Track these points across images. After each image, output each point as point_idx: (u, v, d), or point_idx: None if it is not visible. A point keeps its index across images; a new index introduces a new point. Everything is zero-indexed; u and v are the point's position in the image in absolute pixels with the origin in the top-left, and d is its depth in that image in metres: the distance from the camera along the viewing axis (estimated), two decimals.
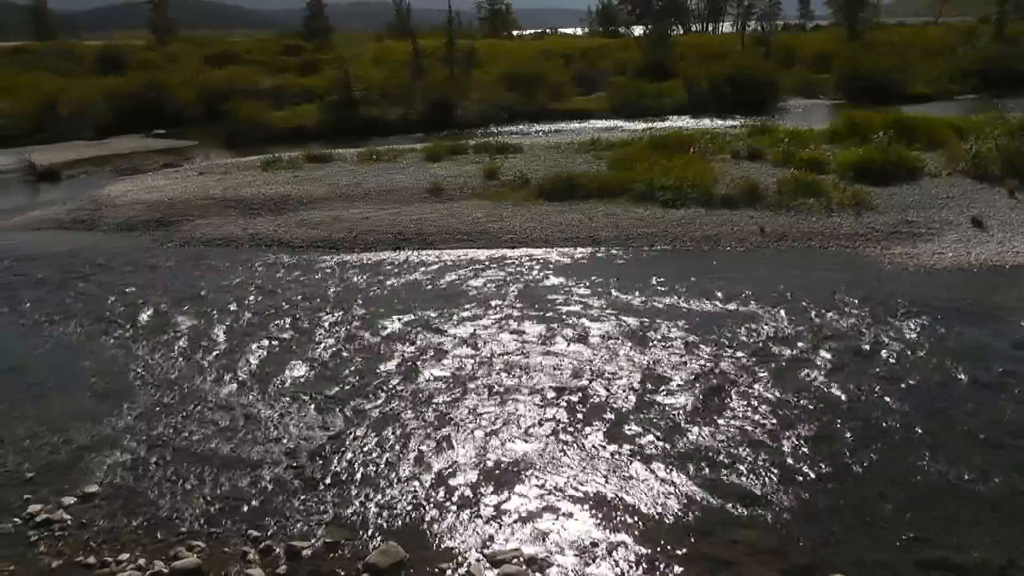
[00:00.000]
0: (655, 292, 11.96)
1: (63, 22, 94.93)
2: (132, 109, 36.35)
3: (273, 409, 8.84)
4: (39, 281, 14.00)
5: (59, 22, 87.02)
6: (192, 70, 44.39)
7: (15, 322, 12.14)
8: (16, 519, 6.97)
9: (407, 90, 35.59)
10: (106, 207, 19.30)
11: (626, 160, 19.69)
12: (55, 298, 13.06)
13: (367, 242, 15.43)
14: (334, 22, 72.31)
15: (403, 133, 31.63)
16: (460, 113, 33.61)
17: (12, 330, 11.83)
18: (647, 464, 7.43)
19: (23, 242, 17.01)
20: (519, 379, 9.26)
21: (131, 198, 19.88)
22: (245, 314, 11.89)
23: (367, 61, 41.98)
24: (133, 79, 40.46)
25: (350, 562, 6.27)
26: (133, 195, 20.19)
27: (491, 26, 79.71)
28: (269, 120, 32.93)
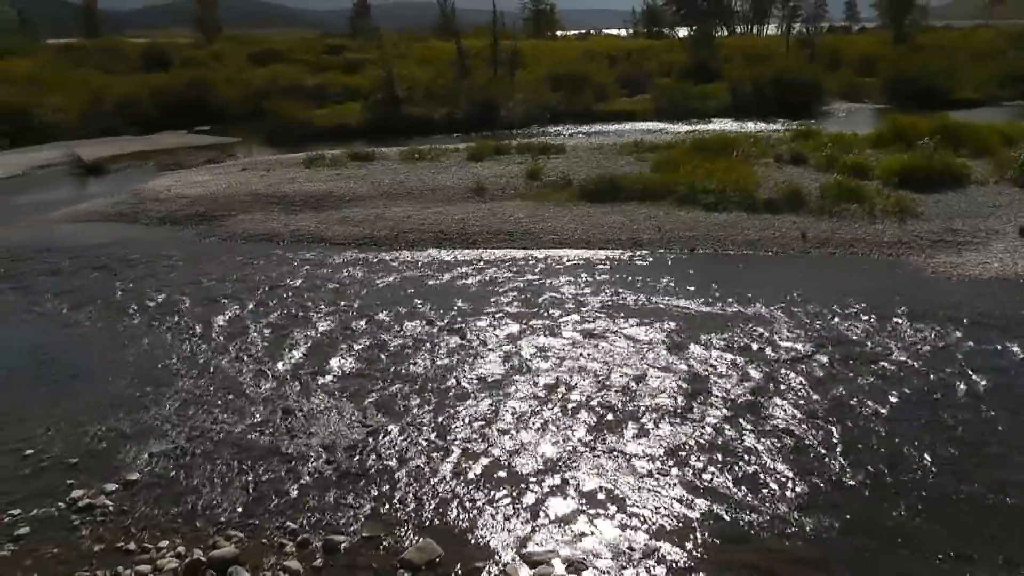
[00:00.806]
0: (695, 296, 11.88)
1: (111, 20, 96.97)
2: (176, 105, 37.22)
3: (311, 403, 8.93)
4: (82, 272, 14.33)
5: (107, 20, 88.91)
6: (236, 68, 45.16)
7: (58, 311, 12.42)
8: (60, 503, 7.13)
9: (451, 90, 35.79)
10: (149, 201, 19.69)
11: (669, 163, 19.69)
12: (98, 288, 13.36)
13: (409, 240, 15.55)
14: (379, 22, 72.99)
15: (446, 133, 31.84)
16: (504, 113, 33.74)
17: (56, 319, 12.11)
18: (685, 470, 7.38)
19: (68, 234, 17.42)
20: (557, 380, 9.25)
21: (174, 192, 20.26)
22: (285, 309, 12.04)
23: (412, 60, 42.31)
24: (178, 76, 41.40)
25: (386, 558, 6.30)
26: (176, 190, 20.57)
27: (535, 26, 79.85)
28: (312, 118, 33.37)
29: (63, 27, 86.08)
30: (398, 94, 34.76)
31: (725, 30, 76.15)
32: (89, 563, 6.32)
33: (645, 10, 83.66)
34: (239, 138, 33.06)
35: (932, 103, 31.84)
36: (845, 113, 35.41)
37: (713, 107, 35.14)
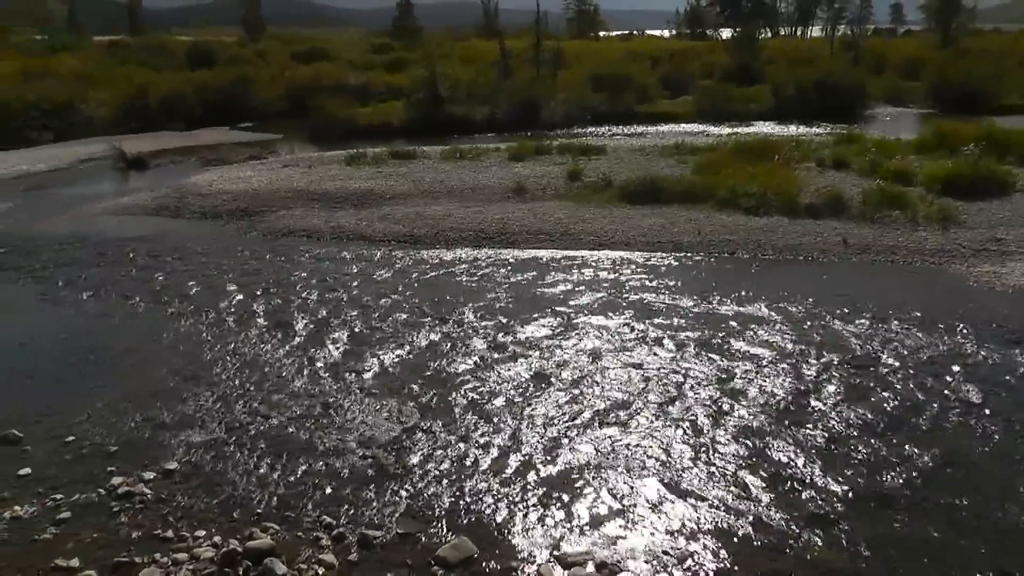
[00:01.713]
0: (735, 300, 11.81)
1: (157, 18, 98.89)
2: (220, 102, 37.89)
3: (349, 399, 9.01)
4: (124, 264, 14.65)
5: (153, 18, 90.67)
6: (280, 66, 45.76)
7: (101, 302, 12.70)
8: (100, 489, 7.29)
9: (493, 90, 35.94)
10: (191, 195, 20.03)
11: (710, 165, 19.66)
12: (139, 280, 13.64)
13: (449, 239, 15.63)
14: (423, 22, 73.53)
15: (488, 132, 32.00)
16: (545, 114, 33.78)
17: (98, 310, 12.38)
18: (722, 475, 7.32)
19: (111, 226, 17.79)
20: (594, 382, 9.24)
21: (216, 188, 20.59)
22: (325, 304, 12.17)
23: (454, 60, 42.55)
24: (222, 74, 42.04)
25: (421, 554, 6.33)
26: (218, 185, 20.90)
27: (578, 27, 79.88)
28: (354, 116, 33.72)
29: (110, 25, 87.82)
30: (440, 93, 34.96)
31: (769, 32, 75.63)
32: (128, 549, 6.44)
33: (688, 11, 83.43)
34: (281, 135, 33.48)
35: (978, 109, 31.33)
36: (889, 117, 34.93)
37: (755, 110, 34.92)
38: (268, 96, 39.75)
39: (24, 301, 12.97)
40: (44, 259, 15.15)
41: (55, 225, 17.95)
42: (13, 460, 7.85)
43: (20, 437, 8.24)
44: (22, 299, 13.07)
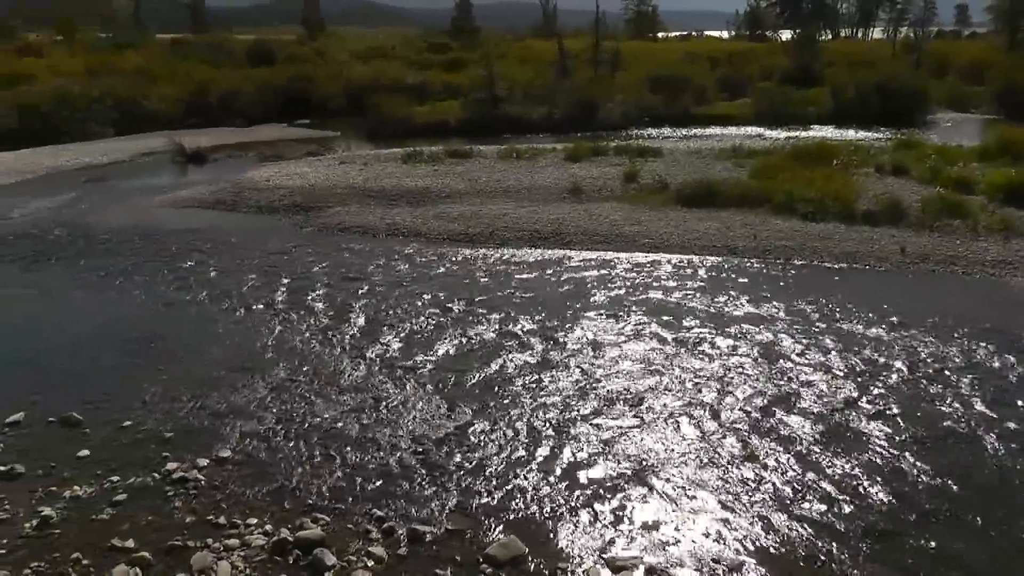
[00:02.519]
0: (790, 308, 11.64)
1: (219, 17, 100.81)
2: (278, 99, 38.62)
3: (401, 395, 9.08)
4: (181, 255, 14.97)
5: (216, 17, 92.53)
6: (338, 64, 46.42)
7: (158, 292, 13.01)
8: (156, 474, 7.48)
9: (550, 90, 36.00)
10: (248, 190, 20.41)
11: (767, 169, 19.47)
12: (196, 272, 13.95)
13: (504, 238, 15.68)
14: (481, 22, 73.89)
15: (544, 132, 32.03)
16: (602, 115, 33.73)
17: (156, 299, 12.68)
18: (774, 485, 7.21)
19: (169, 219, 18.22)
20: (647, 386, 9.17)
21: (273, 183, 20.94)
22: (379, 300, 12.30)
23: (512, 60, 42.70)
24: (281, 71, 42.85)
25: (470, 551, 6.36)
26: (275, 180, 21.25)
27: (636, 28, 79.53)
28: (412, 114, 34.05)
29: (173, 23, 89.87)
30: (498, 93, 35.11)
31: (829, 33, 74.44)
32: (181, 533, 6.59)
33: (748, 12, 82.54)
34: (339, 132, 33.98)
35: None
36: (950, 123, 34.11)
37: (813, 113, 34.49)
38: (326, 94, 40.42)
39: (85, 290, 13.33)
40: (104, 249, 15.61)
41: (115, 217, 18.44)
42: (73, 442, 8.12)
43: (80, 420, 8.51)
44: (83, 288, 13.44)
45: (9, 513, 6.89)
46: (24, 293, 13.22)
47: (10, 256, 15.34)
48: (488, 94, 35.12)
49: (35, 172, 24.78)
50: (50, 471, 7.57)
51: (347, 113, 37.84)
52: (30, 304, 12.71)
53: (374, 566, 6.21)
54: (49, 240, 16.46)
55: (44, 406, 8.87)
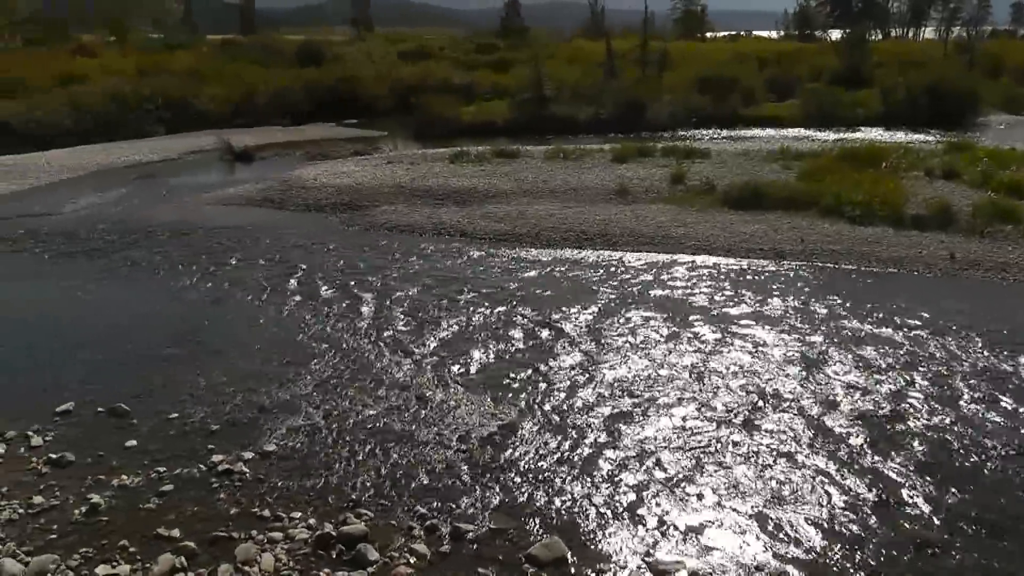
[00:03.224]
0: (836, 314, 11.47)
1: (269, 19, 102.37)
2: (326, 99, 39.18)
3: (447, 393, 9.11)
4: (229, 252, 15.21)
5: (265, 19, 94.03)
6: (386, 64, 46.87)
7: (206, 287, 13.23)
8: (201, 465, 7.61)
9: (598, 90, 35.96)
10: (295, 188, 20.66)
11: (815, 172, 19.27)
12: (243, 268, 14.17)
13: (550, 239, 15.68)
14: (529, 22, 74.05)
15: (591, 133, 32.01)
16: (650, 115, 33.60)
17: (205, 295, 12.89)
18: (820, 492, 7.10)
19: (216, 215, 18.55)
20: (692, 391, 9.10)
21: (320, 182, 21.16)
22: (425, 299, 12.37)
23: (560, 60, 42.71)
24: (329, 71, 43.40)
25: (512, 551, 6.36)
26: (322, 179, 21.47)
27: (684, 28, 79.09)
28: (459, 114, 34.26)
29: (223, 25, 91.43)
30: (546, 93, 35.14)
31: (879, 33, 73.23)
32: (226, 524, 6.69)
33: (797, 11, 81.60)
34: (386, 132, 34.29)
35: None
36: (1004, 126, 33.31)
37: (862, 115, 34.01)
38: (374, 94, 40.87)
39: (132, 283, 13.61)
40: (153, 245, 15.92)
41: (164, 213, 18.79)
42: (121, 432, 8.30)
43: (127, 411, 8.69)
44: (131, 281, 13.72)
45: (59, 500, 7.08)
46: (74, 286, 13.52)
47: (61, 250, 15.72)
48: (536, 94, 35.16)
49: (86, 169, 25.37)
50: (98, 460, 7.76)
51: (394, 113, 38.27)
52: (79, 296, 13.00)
53: (416, 563, 6.23)
54: (98, 235, 16.83)
55: (93, 396, 9.09)
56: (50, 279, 13.97)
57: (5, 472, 7.58)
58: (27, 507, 6.96)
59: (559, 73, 38.27)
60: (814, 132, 31.52)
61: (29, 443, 8.08)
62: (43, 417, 8.61)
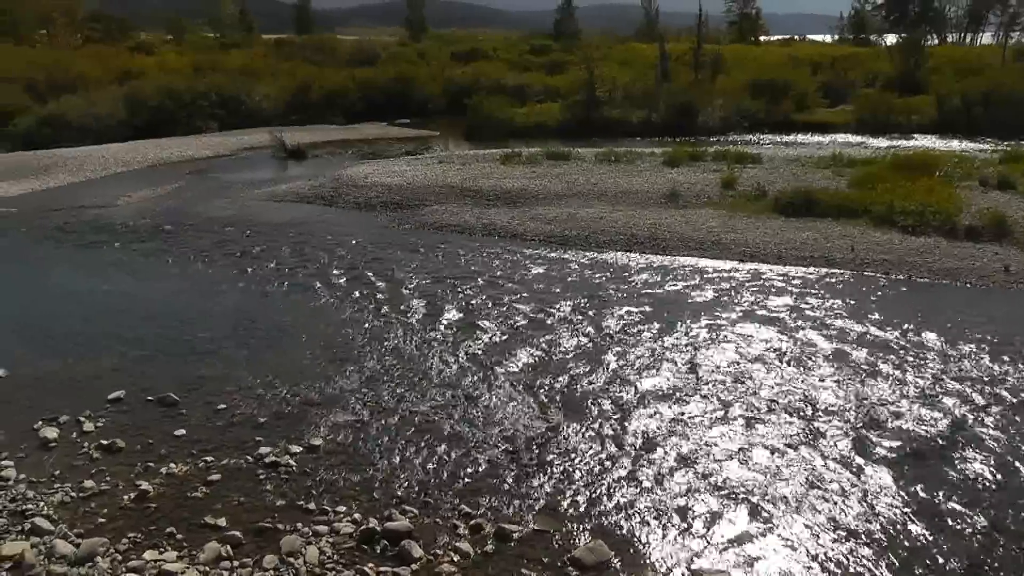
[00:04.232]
0: (887, 324, 11.25)
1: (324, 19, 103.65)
2: (379, 99, 39.64)
3: (493, 394, 9.12)
4: (280, 247, 15.41)
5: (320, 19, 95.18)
6: (440, 65, 47.22)
7: (256, 281, 13.41)
8: (248, 457, 7.72)
9: (650, 93, 35.83)
10: (347, 186, 20.88)
11: (867, 179, 18.99)
12: (294, 263, 14.33)
13: (600, 242, 15.62)
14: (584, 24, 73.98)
15: (643, 136, 31.94)
16: (702, 119, 33.41)
17: (255, 288, 13.07)
18: (868, 505, 6.97)
19: (268, 211, 18.80)
20: (740, 399, 8.99)
21: (371, 180, 21.35)
22: (472, 298, 12.39)
23: (613, 63, 42.61)
24: (382, 71, 43.88)
25: (556, 553, 6.34)
26: (373, 177, 21.67)
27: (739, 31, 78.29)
28: (511, 116, 34.38)
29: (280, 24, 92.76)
30: (598, 96, 35.07)
31: (936, 38, 71.57)
32: (272, 515, 6.77)
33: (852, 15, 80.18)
34: (438, 132, 34.58)
35: None
36: None
37: (916, 122, 33.50)
38: (427, 94, 41.23)
39: (183, 276, 13.86)
40: (204, 238, 16.21)
41: (216, 207, 19.12)
42: (170, 421, 8.47)
43: (177, 400, 8.86)
44: (182, 274, 13.97)
45: (110, 485, 7.24)
46: (124, 277, 13.85)
47: (112, 241, 16.10)
48: (588, 97, 35.11)
49: (140, 163, 25.96)
50: (148, 447, 7.92)
51: (447, 113, 38.60)
52: (130, 287, 13.29)
53: (460, 561, 6.24)
54: (151, 228, 17.18)
55: (143, 385, 9.29)
56: (101, 269, 14.32)
57: (59, 456, 7.79)
58: (79, 491, 7.14)
59: (612, 75, 38.19)
60: (867, 139, 31.15)
61: (81, 428, 8.30)
62: (95, 404, 8.83)
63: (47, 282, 13.69)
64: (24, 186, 22.18)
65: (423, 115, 39.04)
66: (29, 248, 15.94)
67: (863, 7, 77.40)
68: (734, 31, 77.46)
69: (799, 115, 35.76)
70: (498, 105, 34.76)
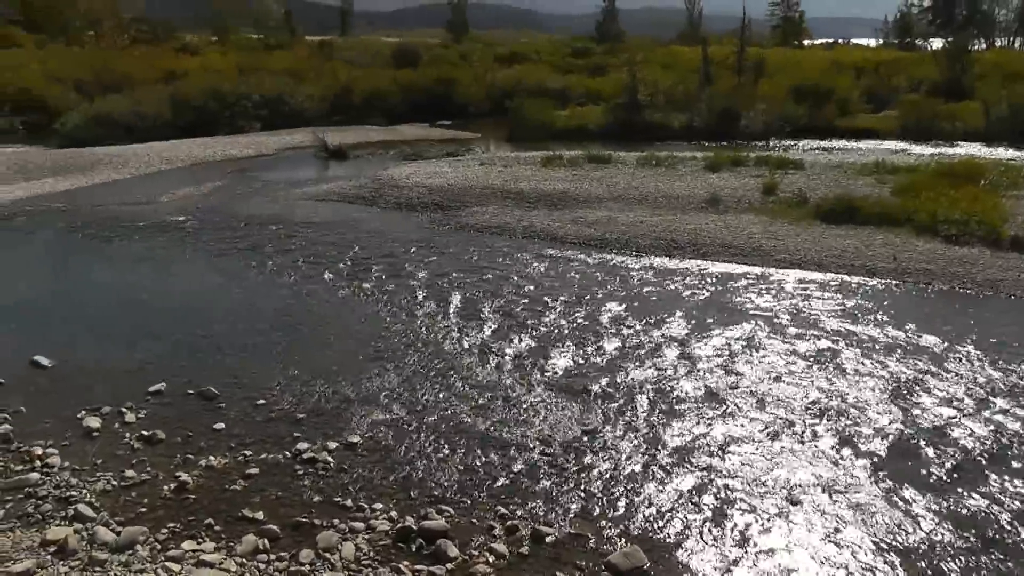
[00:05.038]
0: (930, 335, 11.01)
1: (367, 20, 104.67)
2: (421, 100, 39.93)
3: (532, 396, 9.11)
4: (321, 246, 15.56)
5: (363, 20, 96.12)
6: (482, 67, 47.43)
7: (296, 279, 13.56)
8: (286, 452, 7.81)
9: (692, 98, 35.67)
10: (388, 187, 21.03)
11: (910, 187, 18.71)
12: (334, 262, 14.46)
13: (640, 246, 15.56)
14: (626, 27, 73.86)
15: (684, 140, 31.76)
16: (744, 124, 33.18)
17: (295, 287, 13.21)
18: (909, 519, 6.84)
19: (309, 210, 19.00)
20: (781, 408, 8.88)
21: (412, 181, 21.49)
22: (512, 300, 12.41)
23: (655, 66, 42.51)
24: (425, 73, 44.19)
25: (591, 557, 6.32)
26: (414, 178, 21.81)
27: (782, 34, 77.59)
28: (552, 119, 34.35)
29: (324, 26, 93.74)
30: (640, 99, 34.99)
31: (983, 43, 70.22)
32: (309, 511, 6.84)
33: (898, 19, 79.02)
34: (479, 134, 34.76)
35: None
36: None
37: (962, 129, 32.80)
38: (469, 96, 41.45)
39: (224, 273, 14.05)
40: (244, 236, 16.42)
41: (257, 206, 19.37)
42: (209, 414, 8.61)
43: (216, 394, 9.00)
44: (222, 271, 14.17)
45: (150, 475, 7.38)
46: (165, 272, 14.11)
47: (155, 237, 16.37)
48: (629, 100, 35.05)
49: (183, 161, 26.37)
50: (187, 440, 8.05)
51: (489, 115, 38.81)
52: (171, 282, 13.55)
53: (495, 562, 6.25)
54: (192, 225, 17.45)
55: (183, 378, 9.45)
56: (143, 264, 14.58)
57: (101, 445, 7.96)
58: (120, 480, 7.29)
59: (654, 78, 38.08)
60: (910, 145, 30.59)
61: (123, 419, 8.47)
62: (136, 395, 9.01)
63: (91, 275, 14.02)
64: (71, 182, 22.66)
65: (465, 117, 39.28)
66: (74, 242, 16.30)
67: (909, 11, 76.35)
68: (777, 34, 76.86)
69: (842, 121, 35.31)
70: (540, 107, 34.77)
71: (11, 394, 9.10)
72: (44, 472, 7.41)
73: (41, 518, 6.70)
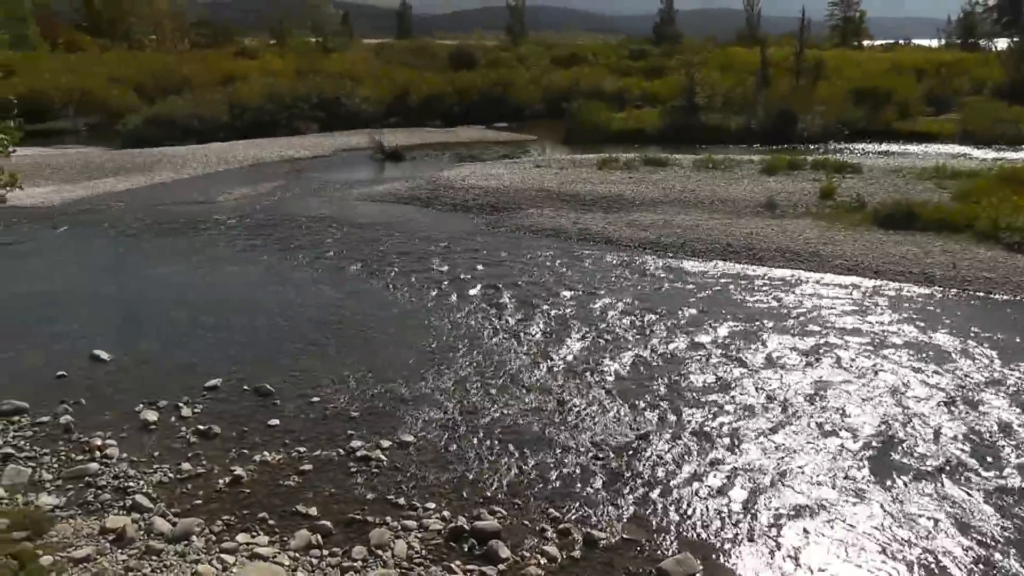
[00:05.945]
0: (988, 348, 10.66)
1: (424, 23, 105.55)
2: (478, 102, 40.16)
3: (585, 400, 9.08)
4: (376, 246, 15.71)
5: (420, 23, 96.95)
6: (539, 70, 47.52)
7: (354, 279, 13.72)
8: (340, 450, 7.91)
9: (749, 100, 35.27)
10: (443, 188, 21.15)
11: (971, 193, 18.25)
12: (390, 262, 14.58)
13: (695, 249, 15.42)
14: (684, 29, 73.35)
15: (741, 143, 31.44)
16: (801, 127, 32.70)
17: (351, 286, 13.36)
18: (966, 536, 6.65)
19: (366, 211, 19.24)
20: (838, 420, 8.69)
21: (468, 183, 21.59)
22: (566, 303, 12.39)
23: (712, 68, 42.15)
24: (482, 75, 44.40)
25: (643, 563, 6.28)
26: (470, 180, 21.91)
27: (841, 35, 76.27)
28: (608, 121, 34.23)
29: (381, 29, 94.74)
30: (697, 101, 34.72)
31: None
32: (362, 508, 6.91)
33: (961, 18, 77.02)
34: (536, 136, 34.79)
35: None
36: None
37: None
38: (525, 98, 41.55)
39: (281, 271, 14.28)
40: (302, 236, 16.66)
41: (314, 206, 19.64)
42: (265, 410, 8.75)
43: (271, 391, 9.14)
44: (280, 269, 14.40)
45: (205, 468, 7.54)
46: (223, 270, 14.36)
47: (213, 235, 16.69)
48: (686, 102, 34.78)
49: (241, 162, 26.87)
50: (243, 435, 8.20)
51: (545, 117, 38.82)
52: (229, 280, 13.81)
53: (547, 564, 6.24)
54: (250, 223, 17.77)
55: (240, 375, 9.62)
56: (201, 262, 14.89)
57: (158, 438, 8.15)
58: (176, 472, 7.46)
59: (711, 79, 37.74)
60: (972, 149, 29.79)
61: (180, 413, 8.65)
62: (193, 390, 9.20)
63: (150, 272, 14.33)
64: (131, 181, 23.24)
65: (521, 119, 39.37)
66: (134, 240, 16.71)
67: (972, 10, 74.44)
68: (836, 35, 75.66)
69: (901, 124, 34.59)
70: (596, 110, 34.69)
71: (72, 387, 9.36)
72: (103, 463, 7.62)
73: (100, 507, 6.90)
